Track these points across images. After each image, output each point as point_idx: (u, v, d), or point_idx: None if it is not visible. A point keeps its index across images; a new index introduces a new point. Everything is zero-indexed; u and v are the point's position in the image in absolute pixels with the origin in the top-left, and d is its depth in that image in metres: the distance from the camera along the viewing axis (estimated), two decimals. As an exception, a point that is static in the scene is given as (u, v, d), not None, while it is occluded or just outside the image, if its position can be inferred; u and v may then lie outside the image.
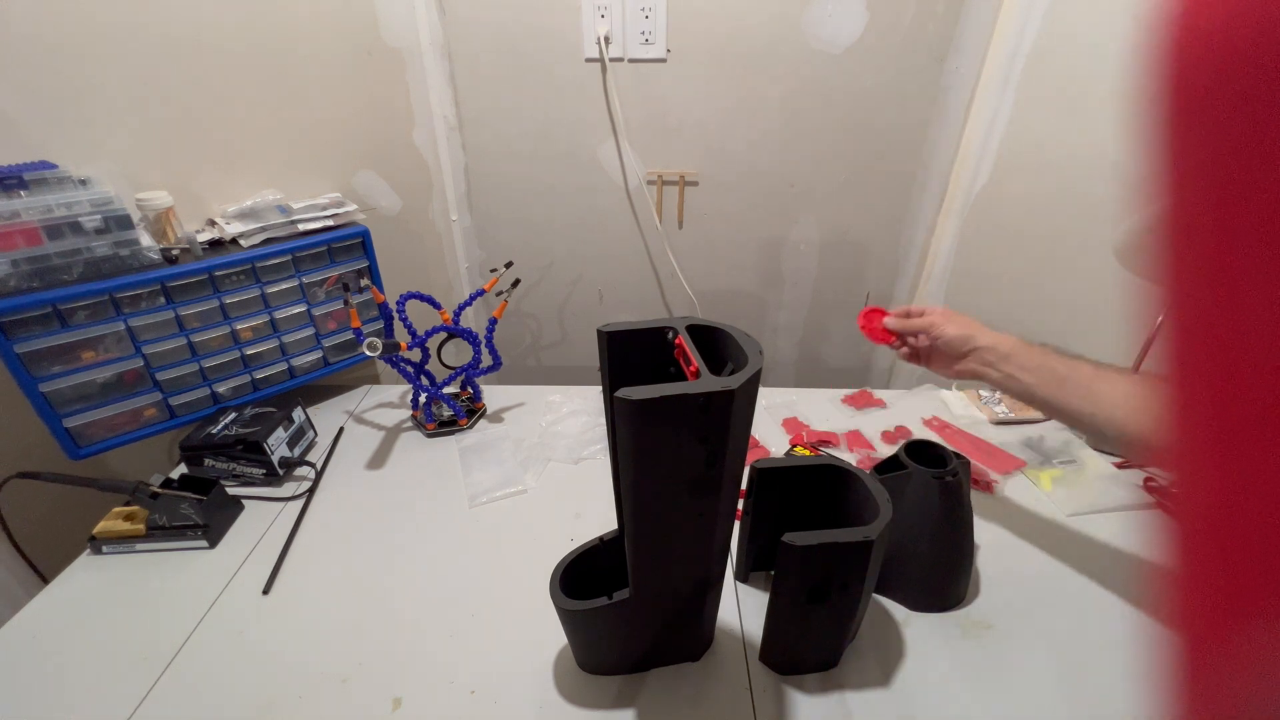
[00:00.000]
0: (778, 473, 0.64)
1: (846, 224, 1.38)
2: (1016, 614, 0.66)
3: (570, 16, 1.17)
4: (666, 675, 0.61)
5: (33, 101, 0.81)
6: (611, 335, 0.50)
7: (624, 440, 0.42)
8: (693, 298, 1.45)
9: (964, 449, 0.91)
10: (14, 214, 0.73)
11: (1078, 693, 0.59)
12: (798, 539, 0.51)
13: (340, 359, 1.08)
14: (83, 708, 0.59)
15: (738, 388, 0.41)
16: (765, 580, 0.71)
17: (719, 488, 0.47)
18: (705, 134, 1.28)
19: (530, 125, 1.29)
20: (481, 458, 0.93)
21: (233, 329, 0.93)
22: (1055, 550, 0.75)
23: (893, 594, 0.68)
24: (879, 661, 0.62)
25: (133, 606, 0.69)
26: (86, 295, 0.79)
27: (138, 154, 0.91)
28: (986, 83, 1.17)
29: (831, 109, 1.24)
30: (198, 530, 0.76)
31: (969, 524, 0.67)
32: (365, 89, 1.16)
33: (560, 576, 0.57)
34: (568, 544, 0.60)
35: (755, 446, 0.93)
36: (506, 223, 1.42)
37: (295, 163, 1.08)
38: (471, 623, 0.67)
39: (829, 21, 1.16)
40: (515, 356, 1.60)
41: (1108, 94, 0.99)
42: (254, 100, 1.00)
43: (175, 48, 0.90)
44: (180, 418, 0.92)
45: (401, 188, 1.28)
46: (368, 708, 0.58)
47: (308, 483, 0.88)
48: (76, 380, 0.81)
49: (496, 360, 1.02)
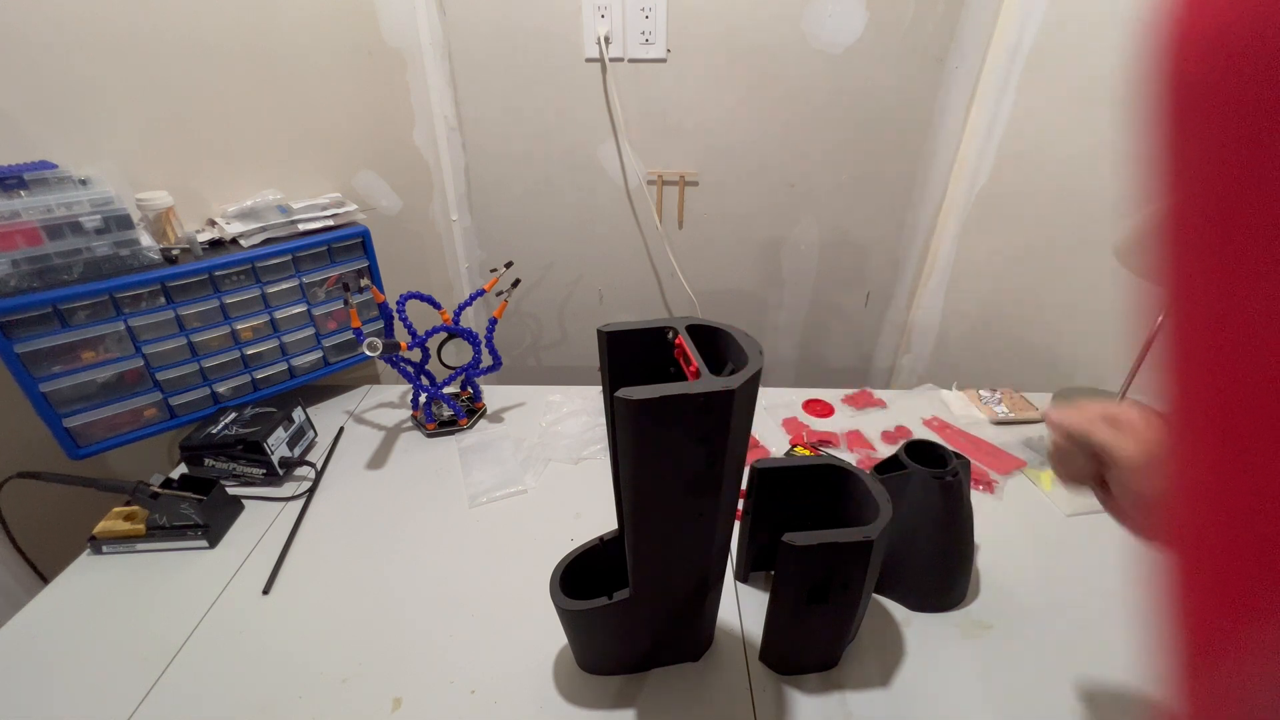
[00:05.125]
0: (778, 473, 0.64)
1: (846, 224, 1.38)
2: (1016, 614, 0.66)
3: (570, 16, 1.17)
4: (666, 675, 0.61)
5: (33, 101, 0.81)
6: (611, 335, 0.50)
7: (624, 440, 0.42)
8: (693, 298, 1.45)
9: (964, 449, 0.91)
10: (14, 214, 0.73)
11: (1078, 693, 0.59)
12: (798, 539, 0.51)
13: (340, 359, 1.08)
14: (83, 708, 0.59)
15: (738, 388, 0.41)
16: (765, 580, 0.71)
17: (719, 488, 0.47)
18: (705, 134, 1.28)
19: (530, 125, 1.29)
20: (481, 458, 0.93)
21: (233, 329, 0.93)
22: (1055, 550, 0.75)
23: (893, 594, 0.68)
24: (879, 661, 0.62)
25: (133, 606, 0.69)
26: (86, 295, 0.79)
27: (138, 154, 0.91)
28: (986, 83, 1.17)
29: (831, 109, 1.24)
30: (198, 530, 0.76)
31: (969, 524, 0.67)
32: (365, 89, 1.16)
33: (560, 576, 0.57)
34: (568, 544, 0.60)
35: (755, 446, 0.93)
36: (506, 223, 1.42)
37: (295, 163, 1.08)
38: (471, 623, 0.67)
39: (829, 21, 1.16)
40: (515, 356, 1.60)
41: (1108, 93, 0.99)
42: (254, 100, 1.00)
43: (175, 48, 0.90)
44: (180, 418, 0.92)
45: (401, 188, 1.28)
46: (368, 708, 0.58)
47: (308, 483, 0.88)
48: (76, 380, 0.81)
49: (496, 360, 1.02)
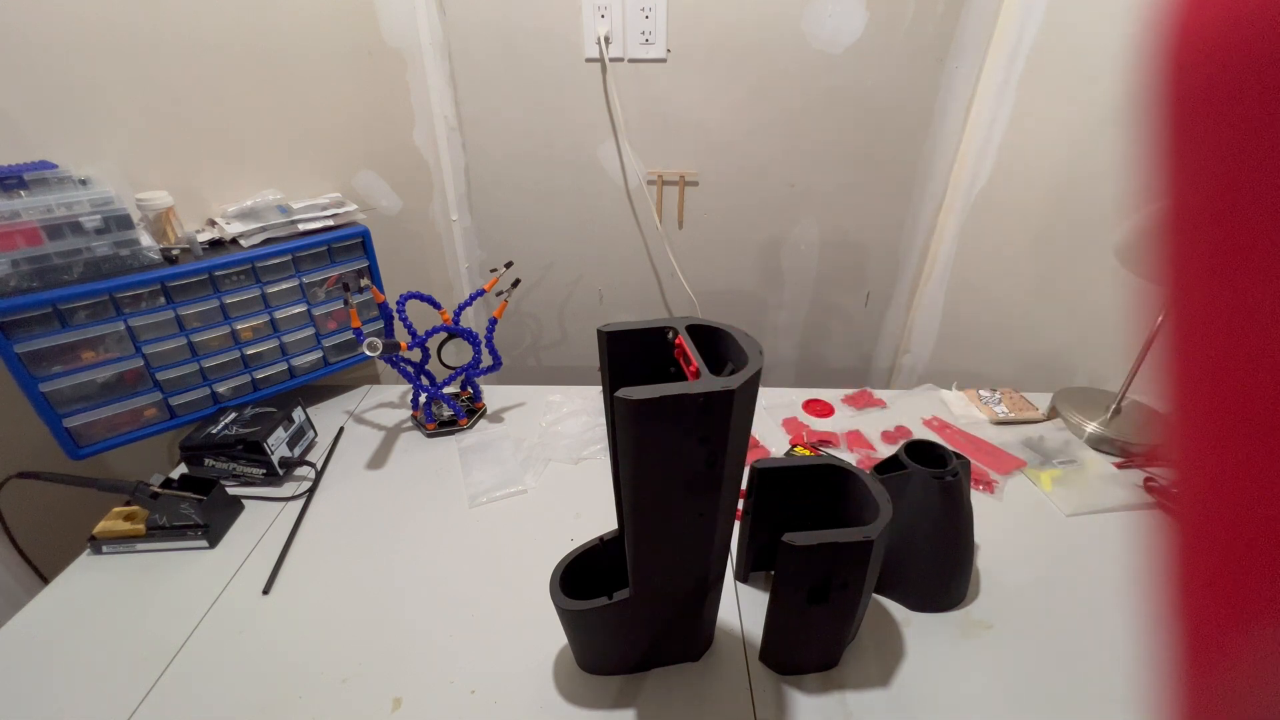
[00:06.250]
0: (778, 473, 0.64)
1: (846, 224, 1.38)
2: (1016, 614, 0.66)
3: (570, 17, 1.17)
4: (666, 675, 0.61)
5: (33, 101, 0.81)
6: (611, 335, 0.50)
7: (624, 440, 0.42)
8: (693, 298, 1.45)
9: (964, 449, 0.91)
10: (14, 214, 0.73)
11: (1078, 693, 0.59)
12: (798, 539, 0.51)
13: (340, 359, 1.08)
14: (83, 708, 0.59)
15: (738, 388, 0.41)
16: (765, 580, 0.71)
17: (719, 488, 0.47)
18: (705, 134, 1.28)
19: (530, 125, 1.29)
20: (481, 458, 0.93)
21: (233, 329, 0.93)
22: (1055, 550, 0.75)
23: (893, 594, 0.68)
24: (879, 661, 0.62)
25: (133, 606, 0.69)
26: (86, 295, 0.79)
27: (138, 154, 0.91)
28: (986, 83, 1.17)
29: (831, 109, 1.24)
30: (198, 530, 0.76)
31: (969, 524, 0.67)
32: (365, 89, 1.16)
33: (560, 576, 0.57)
34: (568, 544, 0.60)
35: (755, 446, 0.93)
36: (506, 223, 1.42)
37: (295, 163, 1.08)
38: (471, 623, 0.67)
39: (829, 21, 1.16)
40: (515, 356, 1.60)
41: (1108, 93, 0.99)
42: (254, 100, 1.00)
43: (175, 47, 0.90)
44: (180, 418, 0.92)
45: (401, 188, 1.28)
46: (368, 708, 0.58)
47: (308, 483, 0.88)
48: (77, 380, 0.81)
49: (496, 360, 1.02)
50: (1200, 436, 0.16)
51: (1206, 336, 0.15)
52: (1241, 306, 0.14)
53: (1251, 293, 0.14)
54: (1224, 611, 0.16)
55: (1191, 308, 0.15)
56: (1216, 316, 0.15)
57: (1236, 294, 0.14)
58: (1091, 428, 0.93)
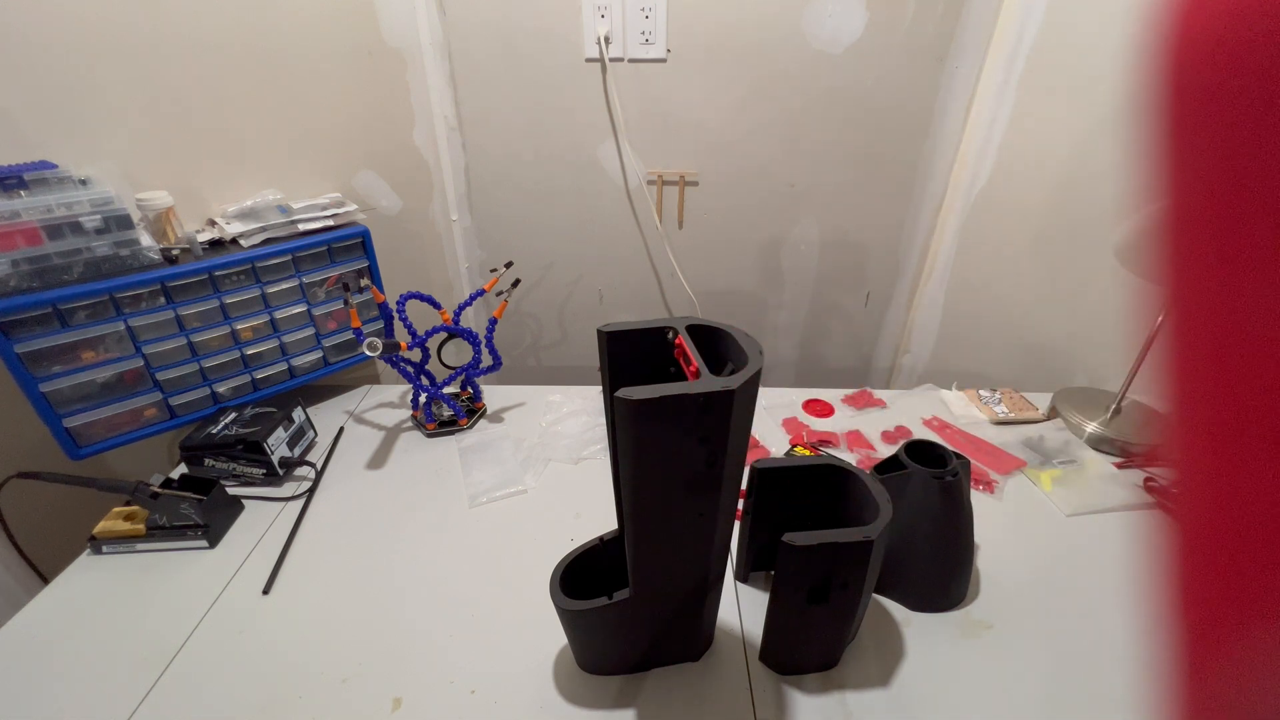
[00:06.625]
0: (778, 473, 0.64)
1: (846, 224, 1.38)
2: (1016, 614, 0.66)
3: (570, 16, 1.17)
4: (666, 675, 0.61)
5: (33, 101, 0.81)
6: (611, 335, 0.50)
7: (624, 440, 0.42)
8: (693, 298, 1.45)
9: (964, 449, 0.91)
10: (14, 214, 0.73)
11: (1078, 693, 0.59)
12: (798, 539, 0.51)
13: (340, 359, 1.08)
14: (83, 708, 0.59)
15: (738, 388, 0.41)
16: (765, 580, 0.71)
17: (719, 488, 0.47)
18: (705, 134, 1.28)
19: (530, 125, 1.29)
20: (481, 458, 0.93)
21: (233, 329, 0.93)
22: (1055, 550, 0.75)
23: (893, 594, 0.68)
24: (879, 661, 0.62)
25: (133, 606, 0.69)
26: (86, 295, 0.79)
27: (138, 154, 0.91)
28: (986, 83, 1.17)
29: (831, 109, 1.24)
30: (198, 530, 0.76)
31: (969, 524, 0.67)
32: (365, 89, 1.16)
33: (560, 576, 0.57)
34: (568, 544, 0.60)
35: (755, 446, 0.93)
36: (506, 223, 1.42)
37: (295, 163, 1.08)
38: (471, 623, 0.67)
39: (829, 21, 1.16)
40: (515, 356, 1.60)
41: (1108, 94, 0.99)
42: (254, 100, 1.00)
43: (175, 47, 0.90)
44: (180, 418, 0.92)
45: (401, 188, 1.28)
46: (368, 708, 0.58)
47: (308, 483, 0.88)
48: (76, 380, 0.81)
49: (496, 360, 1.02)
50: (1200, 436, 0.16)
51: (1206, 336, 0.15)
52: (1241, 306, 0.14)
53: (1251, 293, 0.14)
54: (1224, 611, 0.16)
55: (1191, 308, 0.15)
56: (1216, 316, 0.15)
57: (1236, 294, 0.14)
58: (1091, 428, 0.93)
